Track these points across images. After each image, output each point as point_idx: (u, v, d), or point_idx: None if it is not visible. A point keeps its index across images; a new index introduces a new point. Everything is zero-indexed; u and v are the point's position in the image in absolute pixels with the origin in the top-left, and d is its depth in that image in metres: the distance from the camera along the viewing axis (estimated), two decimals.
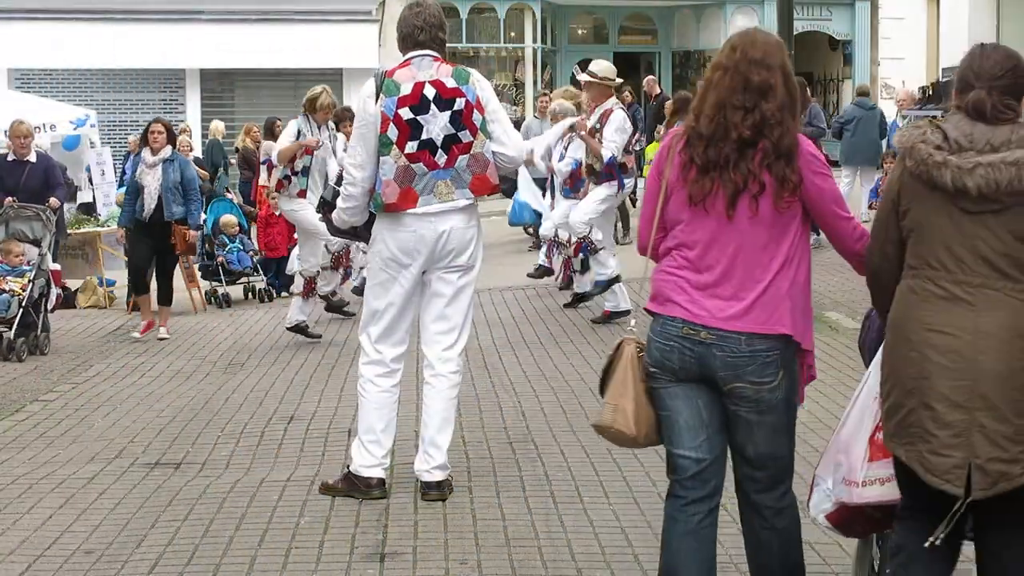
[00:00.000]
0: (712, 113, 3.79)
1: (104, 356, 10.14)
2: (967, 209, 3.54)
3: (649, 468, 6.34)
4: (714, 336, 3.77)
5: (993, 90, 3.57)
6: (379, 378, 5.88)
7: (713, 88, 3.81)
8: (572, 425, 7.28)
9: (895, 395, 3.62)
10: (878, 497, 3.81)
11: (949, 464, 3.50)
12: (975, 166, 3.50)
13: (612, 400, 3.87)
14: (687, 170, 3.82)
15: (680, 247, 3.86)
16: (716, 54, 3.88)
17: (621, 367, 3.88)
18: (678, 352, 3.82)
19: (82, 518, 5.78)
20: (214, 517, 5.69)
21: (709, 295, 3.79)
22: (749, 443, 3.86)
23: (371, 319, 5.91)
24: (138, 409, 8.09)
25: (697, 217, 3.82)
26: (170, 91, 24.44)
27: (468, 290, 5.91)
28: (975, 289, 3.54)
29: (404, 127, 5.69)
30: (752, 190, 3.75)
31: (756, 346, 3.76)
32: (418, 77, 5.74)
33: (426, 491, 5.84)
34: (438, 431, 5.84)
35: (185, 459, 6.82)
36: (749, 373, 3.76)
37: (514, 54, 27.07)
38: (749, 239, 3.78)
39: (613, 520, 5.56)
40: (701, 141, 3.80)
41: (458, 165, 5.76)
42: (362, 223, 5.91)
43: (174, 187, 10.87)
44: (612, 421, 3.88)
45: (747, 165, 3.75)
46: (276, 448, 6.99)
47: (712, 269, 3.80)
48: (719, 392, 3.83)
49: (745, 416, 3.83)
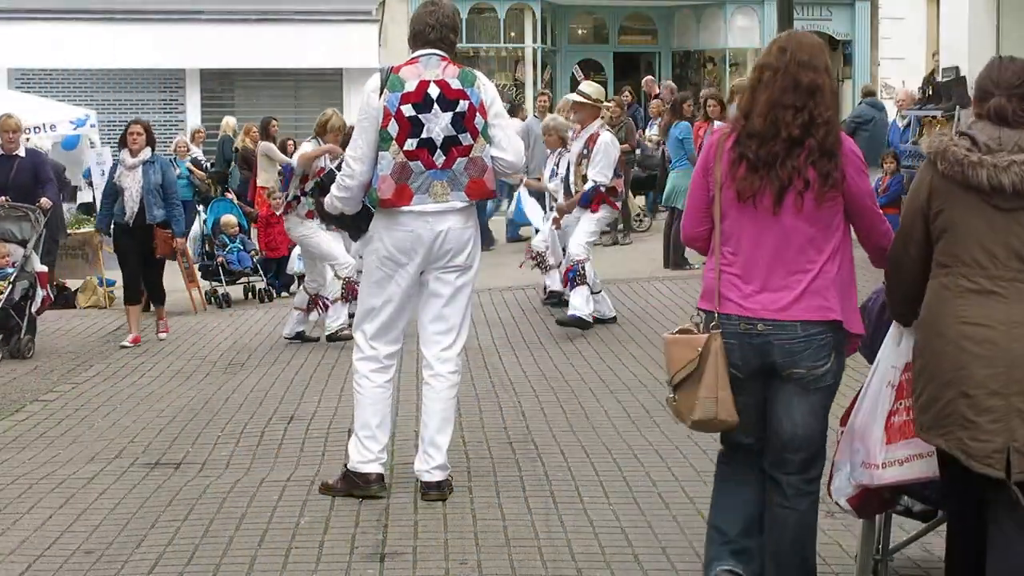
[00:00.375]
0: (764, 112, 3.96)
1: (104, 356, 10.14)
2: (1000, 206, 3.75)
3: (649, 468, 6.35)
4: (771, 327, 3.98)
5: (1012, 97, 3.82)
6: (373, 373, 5.89)
7: (763, 88, 3.98)
8: (572, 425, 7.28)
9: (931, 389, 3.82)
10: (898, 477, 4.10)
11: (990, 448, 3.68)
12: (1009, 164, 3.71)
13: (709, 394, 4.01)
14: (736, 167, 4.00)
15: (728, 242, 4.05)
16: (761, 55, 4.06)
17: (712, 361, 4.01)
18: (739, 347, 4.03)
19: (82, 518, 5.78)
20: (214, 517, 5.69)
21: (760, 289, 4.00)
22: (788, 421, 4.07)
23: (366, 316, 5.91)
24: (138, 409, 8.09)
25: (745, 213, 4.01)
26: (170, 91, 24.41)
27: (466, 290, 5.91)
28: (1008, 283, 3.74)
29: (405, 123, 5.69)
30: (797, 186, 3.95)
31: (811, 331, 3.98)
32: (424, 75, 5.74)
33: (426, 491, 5.84)
34: (438, 431, 5.84)
35: (185, 459, 6.82)
36: (805, 358, 3.99)
37: (514, 54, 27.04)
38: (795, 233, 3.97)
39: (613, 520, 5.56)
40: (752, 139, 3.98)
41: (456, 167, 5.76)
42: (352, 213, 5.91)
43: (155, 189, 10.52)
44: (716, 412, 4.03)
45: (793, 163, 3.95)
46: (276, 448, 6.99)
47: (761, 263, 4.00)
48: (771, 379, 4.06)
49: (791, 397, 4.05)
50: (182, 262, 12.97)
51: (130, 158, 10.57)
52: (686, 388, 4.07)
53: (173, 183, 10.75)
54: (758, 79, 4.01)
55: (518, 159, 5.92)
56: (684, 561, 5.06)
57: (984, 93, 3.92)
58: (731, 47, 27.79)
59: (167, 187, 10.60)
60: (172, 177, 10.81)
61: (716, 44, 27.95)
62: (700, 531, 5.38)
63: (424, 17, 5.83)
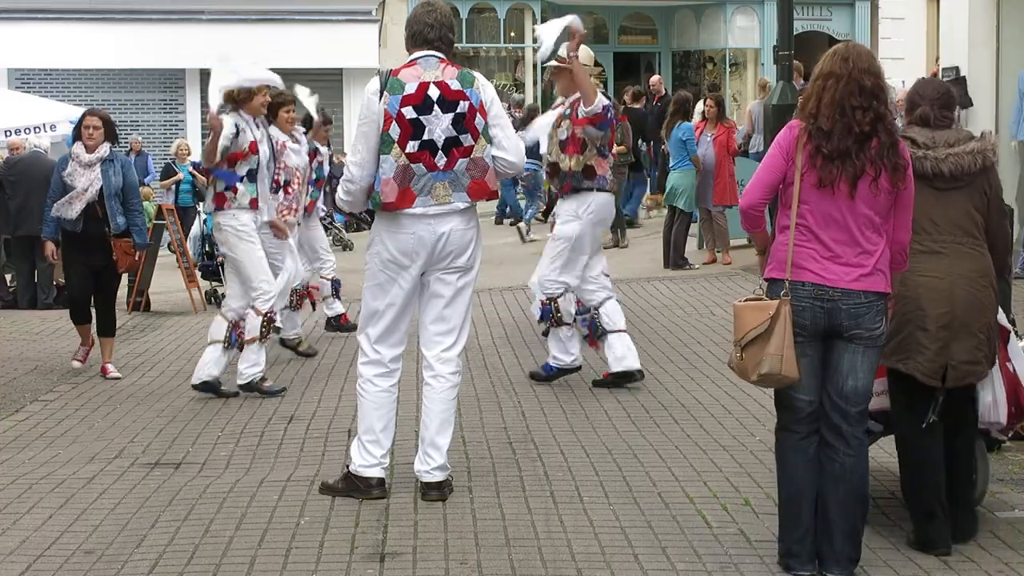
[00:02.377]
0: (830, 112, 4.66)
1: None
2: (939, 188, 5.08)
3: (649, 468, 6.34)
4: (840, 294, 4.66)
5: (934, 106, 5.22)
6: (378, 378, 5.88)
7: (828, 92, 4.67)
8: (572, 425, 7.28)
9: (894, 325, 5.01)
10: (878, 406, 5.19)
11: (935, 367, 5.02)
12: (946, 156, 5.07)
13: (776, 351, 4.60)
14: (815, 158, 4.66)
15: (808, 222, 4.69)
16: (823, 64, 4.73)
17: (781, 322, 4.61)
18: (810, 311, 4.67)
19: (82, 518, 5.78)
20: (214, 517, 5.69)
21: (834, 262, 4.68)
22: (852, 377, 4.73)
23: (370, 320, 5.91)
24: (138, 409, 8.09)
25: (824, 198, 4.67)
26: (170, 91, 24.43)
27: (467, 291, 5.91)
28: (948, 244, 5.08)
29: (406, 126, 5.69)
30: (870, 175, 4.65)
31: (871, 299, 4.69)
32: (423, 77, 5.74)
33: (426, 491, 5.84)
34: (438, 432, 5.84)
35: (185, 459, 6.82)
36: (867, 321, 4.69)
37: (514, 54, 27.04)
38: (865, 216, 4.67)
39: (613, 520, 5.56)
40: (823, 136, 4.65)
41: (457, 168, 5.76)
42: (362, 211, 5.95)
43: (117, 193, 9.05)
44: (781, 368, 4.61)
45: (866, 155, 4.64)
46: (276, 448, 6.99)
47: (837, 241, 4.68)
48: (834, 341, 4.71)
49: (855, 355, 4.71)
50: (182, 262, 12.99)
51: (86, 154, 9.03)
52: (754, 347, 4.65)
53: (134, 186, 9.33)
54: (823, 86, 4.69)
55: (519, 158, 5.92)
56: (684, 561, 5.06)
57: (912, 104, 5.30)
58: (731, 47, 27.80)
59: (128, 191, 9.14)
60: (134, 179, 9.37)
61: (716, 44, 27.95)
62: (700, 531, 5.40)
63: (422, 17, 5.83)
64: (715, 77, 28.11)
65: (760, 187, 4.81)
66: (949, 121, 5.25)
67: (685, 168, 13.94)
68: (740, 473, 6.24)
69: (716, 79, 27.64)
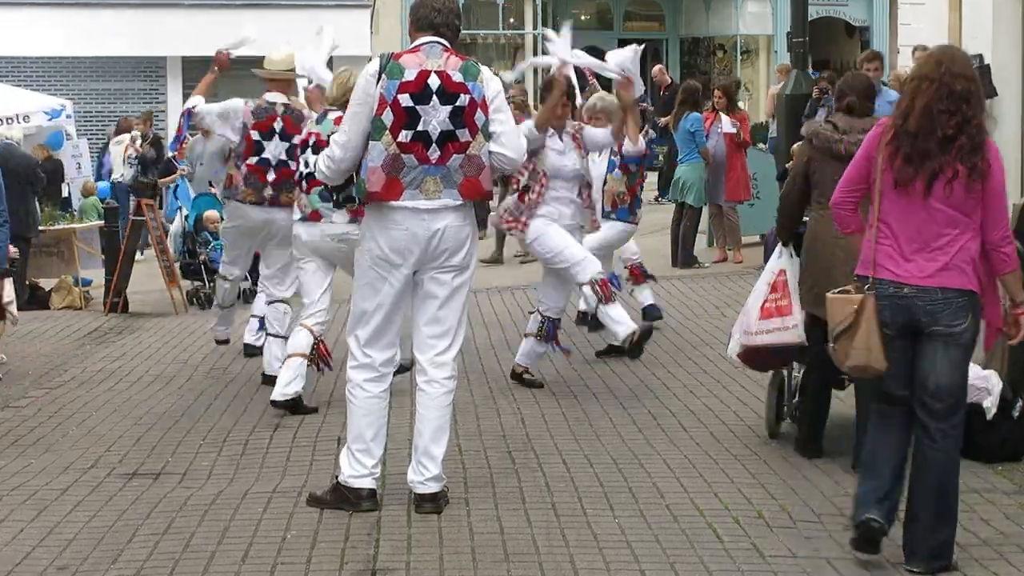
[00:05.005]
0: (920, 115, 5.03)
1: (80, 360, 10.12)
2: None
3: (657, 478, 6.33)
4: (915, 290, 5.06)
5: (860, 97, 6.52)
6: (368, 383, 5.86)
7: (921, 95, 5.05)
8: (575, 433, 7.27)
9: (812, 277, 6.42)
10: (767, 341, 6.66)
11: None
12: (857, 140, 5.89)
13: (861, 345, 5.07)
14: (894, 159, 5.07)
15: (887, 220, 5.12)
16: (919, 67, 5.22)
17: (867, 317, 5.06)
18: (889, 308, 5.08)
19: (55, 532, 5.76)
20: (195, 531, 5.67)
21: (910, 259, 5.08)
22: (932, 373, 5.07)
23: (359, 321, 5.89)
24: (115, 416, 8.07)
25: (902, 196, 5.08)
26: (150, 80, 24.44)
27: (463, 291, 5.90)
28: None
29: (401, 114, 5.68)
30: (947, 176, 5.00)
31: (949, 296, 5.03)
32: (425, 65, 5.73)
33: (420, 503, 5.83)
34: (432, 440, 5.82)
35: (164, 469, 6.80)
36: (945, 318, 5.04)
37: (513, 41, 27.08)
38: (939, 214, 5.03)
39: (618, 534, 5.54)
40: (908, 137, 5.04)
41: (450, 164, 5.74)
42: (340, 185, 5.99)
43: None
44: (867, 361, 5.09)
45: (945, 156, 5.00)
46: (261, 457, 6.98)
47: (913, 238, 5.07)
48: (918, 336, 5.09)
49: (935, 351, 5.07)
50: (161, 260, 12.97)
51: None
52: (843, 340, 5.14)
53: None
54: (916, 88, 5.08)
55: (519, 156, 5.91)
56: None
57: (842, 94, 6.63)
58: (743, 34, 27.81)
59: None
60: None
61: (727, 31, 27.97)
62: (711, 546, 5.39)
63: (429, 1, 5.82)
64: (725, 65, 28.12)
65: (842, 184, 5.33)
66: (869, 110, 6.54)
67: (694, 161, 13.93)
68: (753, 484, 6.23)
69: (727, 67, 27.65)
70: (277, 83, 9.00)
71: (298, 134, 8.61)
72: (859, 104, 6.49)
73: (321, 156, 5.93)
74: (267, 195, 8.74)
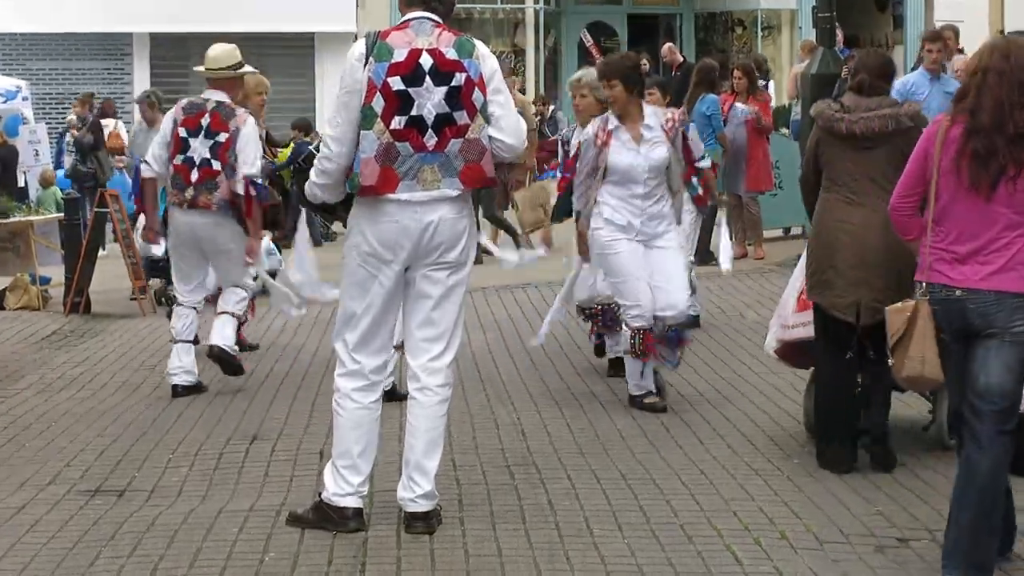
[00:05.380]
0: (992, 110, 5.12)
1: (37, 366, 10.12)
2: (856, 146, 6.64)
3: (670, 495, 6.33)
4: (967, 294, 5.18)
5: (871, 75, 6.75)
6: (357, 392, 5.86)
7: (989, 90, 5.13)
8: (580, 446, 7.27)
9: (815, 263, 6.73)
10: (803, 334, 6.92)
11: (846, 303, 6.55)
12: (858, 119, 6.58)
13: (916, 354, 5.29)
14: (961, 158, 5.16)
15: (944, 221, 5.25)
16: (981, 59, 5.21)
17: (920, 325, 5.27)
18: (943, 312, 5.25)
19: (11, 554, 5.75)
20: (164, 553, 5.66)
21: (966, 261, 5.20)
22: (983, 374, 5.17)
23: (347, 323, 5.88)
24: (76, 427, 8.07)
25: (959, 196, 5.19)
26: (115, 59, 24.45)
27: (459, 290, 5.89)
28: (864, 196, 6.58)
29: (392, 99, 5.67)
30: (1010, 173, 5.11)
31: (1004, 298, 5.13)
32: (415, 43, 5.72)
33: (410, 523, 5.83)
34: (424, 454, 5.82)
35: (130, 485, 6.80)
36: (1000, 320, 5.14)
37: (513, 16, 27.07)
38: (1000, 216, 5.14)
39: (628, 556, 5.54)
40: (979, 133, 5.14)
41: (449, 150, 5.74)
42: (336, 201, 5.88)
43: None
44: (922, 370, 5.30)
45: (1013, 153, 5.10)
46: (236, 472, 6.98)
47: (970, 239, 5.19)
48: (972, 339, 5.19)
49: (987, 352, 5.16)
50: (127, 255, 12.96)
51: None
52: (899, 350, 5.35)
53: None
54: (983, 82, 5.16)
55: (519, 141, 5.90)
56: None
57: (855, 72, 6.90)
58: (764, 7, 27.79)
59: None
60: None
61: (746, 5, 27.96)
62: (730, 569, 5.38)
63: None
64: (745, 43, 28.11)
65: (899, 188, 5.47)
66: (880, 90, 6.73)
67: (710, 147, 13.92)
68: (775, 502, 6.24)
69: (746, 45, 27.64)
70: (219, 82, 8.94)
71: (225, 132, 8.68)
72: (870, 82, 6.71)
73: (315, 164, 5.85)
74: (187, 196, 8.74)
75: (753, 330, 10.26)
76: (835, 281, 6.56)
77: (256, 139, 8.78)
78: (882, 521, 5.94)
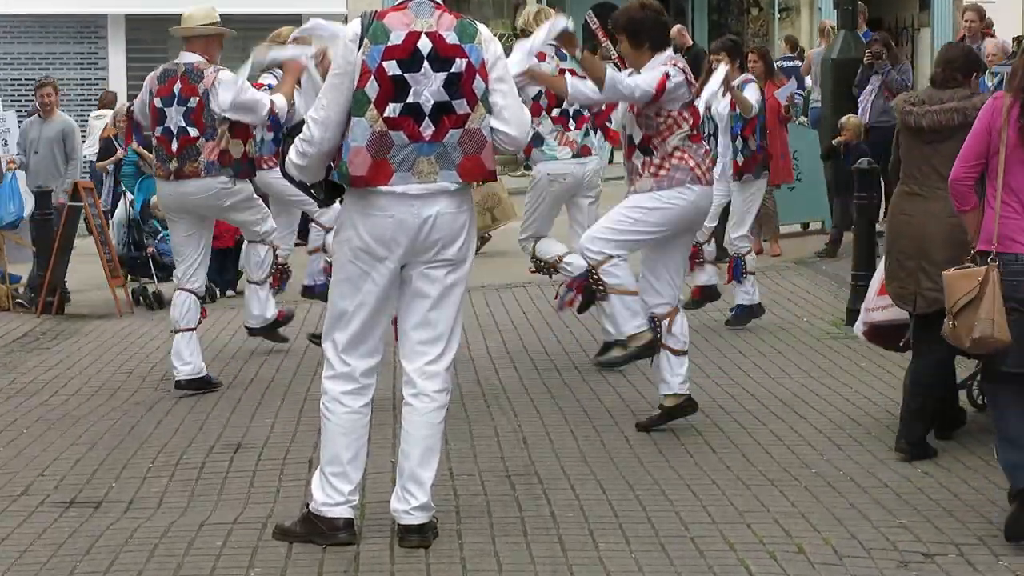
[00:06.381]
0: None
1: (8, 370, 10.14)
2: (925, 140, 7.06)
3: (680, 507, 6.35)
4: None
5: (944, 68, 7.17)
6: (347, 396, 5.88)
7: None
8: (585, 454, 7.29)
9: (885, 253, 7.37)
10: (881, 318, 7.58)
11: (908, 292, 7.07)
12: (925, 112, 7.03)
13: (987, 316, 5.73)
14: (1020, 132, 5.76)
15: (1015, 192, 5.82)
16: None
17: (990, 288, 5.72)
18: (1012, 281, 5.74)
19: None
20: (143, 568, 5.68)
21: None
22: None
23: (337, 323, 5.91)
24: (49, 435, 8.09)
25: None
26: (88, 42, 24.39)
27: (458, 290, 5.92)
28: (929, 188, 7.04)
29: (387, 84, 5.68)
30: None
31: None
32: (414, 26, 5.73)
33: (405, 536, 5.85)
34: (420, 463, 5.84)
35: (107, 497, 6.83)
36: None
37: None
38: None
39: (635, 571, 5.57)
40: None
41: (447, 140, 5.75)
42: (314, 182, 5.91)
43: None
44: (993, 331, 5.73)
45: None
46: (220, 483, 7.00)
47: None
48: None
49: None
50: (103, 253, 12.97)
51: None
52: (965, 314, 5.78)
53: None
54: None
55: (522, 133, 5.91)
56: None
57: (936, 65, 7.36)
58: None
59: None
60: None
61: None
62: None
63: None
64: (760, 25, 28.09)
65: (960, 160, 6.00)
66: (955, 83, 7.10)
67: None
68: (792, 514, 6.26)
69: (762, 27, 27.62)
70: (195, 41, 9.04)
71: (195, 96, 8.76)
72: (943, 75, 7.13)
73: (295, 144, 5.86)
74: (172, 168, 8.90)
75: (768, 331, 10.27)
76: (897, 273, 7.11)
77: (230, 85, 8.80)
78: (906, 535, 5.96)
